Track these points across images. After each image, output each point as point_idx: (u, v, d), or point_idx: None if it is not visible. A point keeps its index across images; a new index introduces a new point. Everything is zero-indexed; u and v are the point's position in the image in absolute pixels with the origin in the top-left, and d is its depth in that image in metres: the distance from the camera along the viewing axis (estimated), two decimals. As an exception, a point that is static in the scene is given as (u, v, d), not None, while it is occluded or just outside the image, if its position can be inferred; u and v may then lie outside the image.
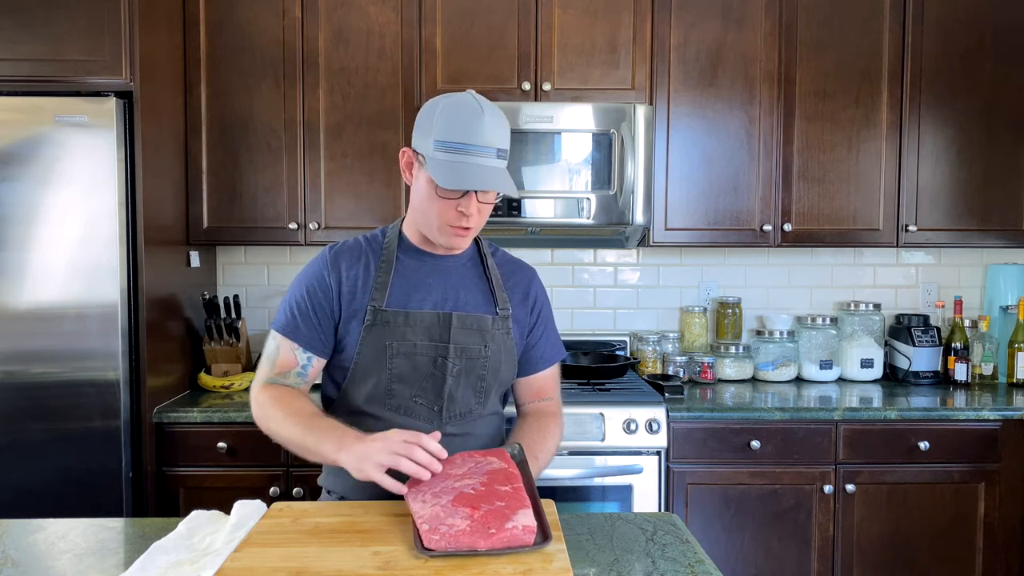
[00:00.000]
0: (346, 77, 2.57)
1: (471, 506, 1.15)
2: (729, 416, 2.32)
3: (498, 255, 1.59)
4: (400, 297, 1.46)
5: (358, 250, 1.50)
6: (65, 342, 2.15)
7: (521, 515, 1.14)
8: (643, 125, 2.47)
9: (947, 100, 2.63)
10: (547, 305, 1.61)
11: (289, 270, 2.94)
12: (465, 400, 1.48)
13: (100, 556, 1.25)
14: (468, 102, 1.36)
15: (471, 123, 1.34)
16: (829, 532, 2.35)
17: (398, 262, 1.48)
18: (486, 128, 1.34)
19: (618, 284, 3.01)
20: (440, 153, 1.35)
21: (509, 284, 1.55)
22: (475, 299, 1.50)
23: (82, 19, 2.16)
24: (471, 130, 1.34)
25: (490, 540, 1.11)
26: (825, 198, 2.65)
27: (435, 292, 1.47)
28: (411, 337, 1.43)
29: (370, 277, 1.46)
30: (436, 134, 1.36)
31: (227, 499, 1.42)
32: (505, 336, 1.50)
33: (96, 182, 2.14)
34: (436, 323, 1.45)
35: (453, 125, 1.35)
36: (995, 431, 2.35)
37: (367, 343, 1.43)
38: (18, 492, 2.15)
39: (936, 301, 2.98)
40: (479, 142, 1.34)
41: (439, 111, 1.37)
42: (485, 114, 1.35)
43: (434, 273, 1.49)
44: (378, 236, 1.53)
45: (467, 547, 1.10)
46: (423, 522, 1.14)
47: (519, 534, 1.12)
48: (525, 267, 1.61)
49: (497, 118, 1.37)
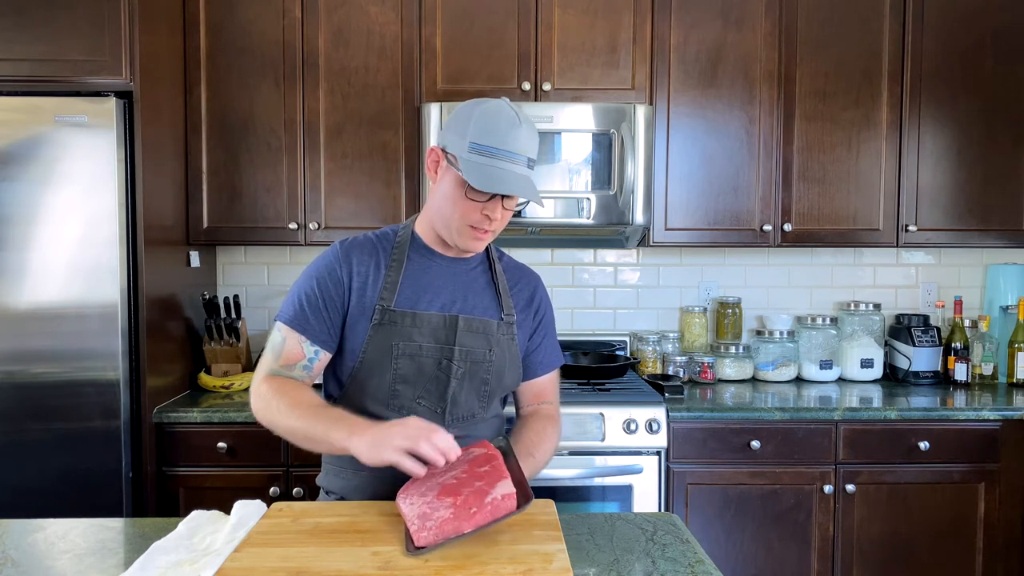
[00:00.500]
0: (346, 77, 2.57)
1: (453, 494, 1.16)
2: (729, 416, 2.32)
3: (504, 260, 1.60)
4: (409, 297, 1.45)
5: (369, 246, 1.49)
6: (65, 342, 2.15)
7: (500, 486, 1.16)
8: (643, 125, 2.47)
9: (947, 100, 2.63)
10: (550, 312, 1.62)
11: (289, 270, 2.94)
12: (468, 403, 1.48)
13: (100, 556, 1.25)
14: (505, 109, 1.38)
15: (509, 130, 1.36)
16: (829, 532, 2.35)
17: (409, 261, 1.48)
18: (522, 136, 1.37)
19: (618, 284, 3.01)
20: (475, 155, 1.36)
21: (515, 290, 1.56)
22: (482, 303, 1.50)
23: (82, 19, 2.16)
24: (508, 136, 1.36)
25: (473, 520, 1.13)
26: (825, 198, 2.65)
27: (444, 294, 1.47)
28: (417, 338, 1.43)
29: (380, 275, 1.46)
30: (472, 136, 1.36)
31: (227, 499, 1.42)
32: (510, 341, 1.51)
33: (96, 182, 2.14)
34: (442, 325, 1.44)
35: (490, 130, 1.36)
36: (995, 431, 2.35)
37: (373, 342, 1.43)
38: (18, 492, 2.15)
39: (936, 301, 2.98)
40: (514, 149, 1.36)
41: (476, 114, 1.38)
42: (522, 123, 1.37)
43: (444, 275, 1.49)
44: (388, 234, 1.52)
45: (453, 533, 1.12)
46: (411, 521, 1.15)
47: (500, 503, 1.14)
48: (531, 274, 1.62)
49: (531, 128, 1.39)
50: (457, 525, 1.12)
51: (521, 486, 1.19)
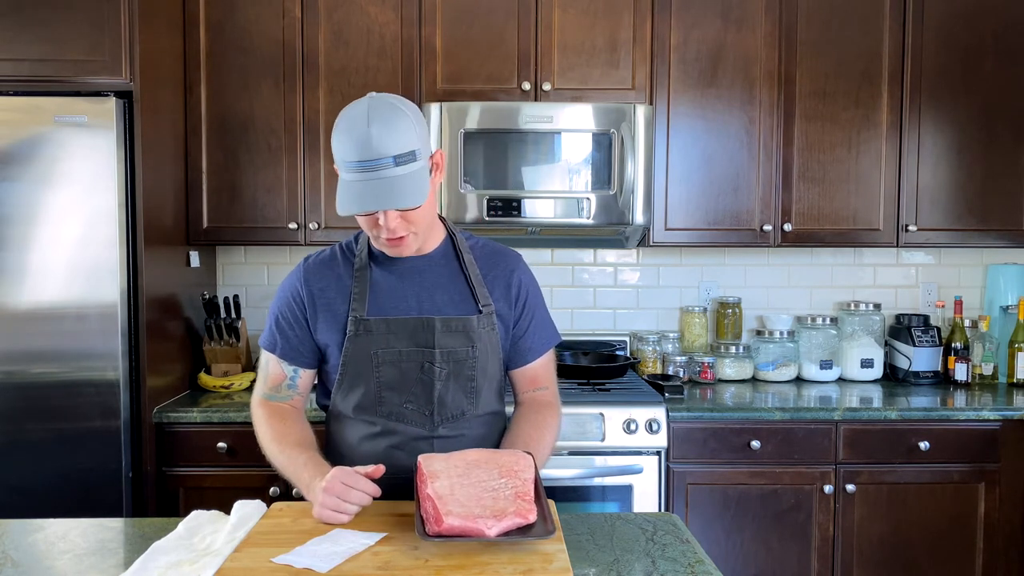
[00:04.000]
0: (346, 77, 2.57)
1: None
2: (729, 416, 2.32)
3: (477, 247, 1.55)
4: (380, 305, 1.45)
5: (332, 260, 1.50)
6: (65, 342, 2.15)
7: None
8: (643, 125, 2.47)
9: (947, 100, 2.63)
10: (534, 292, 1.55)
11: (289, 270, 2.93)
12: (456, 402, 1.47)
13: (100, 556, 1.25)
14: (351, 113, 1.29)
15: (356, 136, 1.26)
16: (829, 532, 2.35)
17: (372, 269, 1.48)
18: (373, 134, 1.25)
19: (618, 284, 3.01)
20: (341, 171, 1.31)
21: (489, 277, 1.51)
22: (452, 298, 1.47)
23: (82, 19, 2.16)
24: (357, 144, 1.26)
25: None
26: (825, 198, 2.65)
27: (411, 295, 1.46)
28: (395, 344, 1.43)
29: (344, 287, 1.46)
30: (333, 146, 1.31)
31: (227, 499, 1.42)
32: (491, 333, 1.49)
33: (96, 182, 2.14)
34: (420, 328, 1.44)
35: (343, 140, 1.28)
36: (995, 431, 2.35)
37: (352, 353, 1.44)
38: (18, 492, 2.15)
39: (936, 301, 2.98)
40: (367, 156, 1.26)
41: (336, 125, 1.30)
42: (370, 121, 1.25)
43: (407, 275, 1.48)
44: (352, 243, 1.53)
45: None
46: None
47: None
48: (507, 255, 1.56)
49: (385, 120, 1.26)
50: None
51: (543, 511, 1.19)
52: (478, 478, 1.21)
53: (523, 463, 1.27)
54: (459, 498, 1.15)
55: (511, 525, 1.12)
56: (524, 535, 1.12)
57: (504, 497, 1.16)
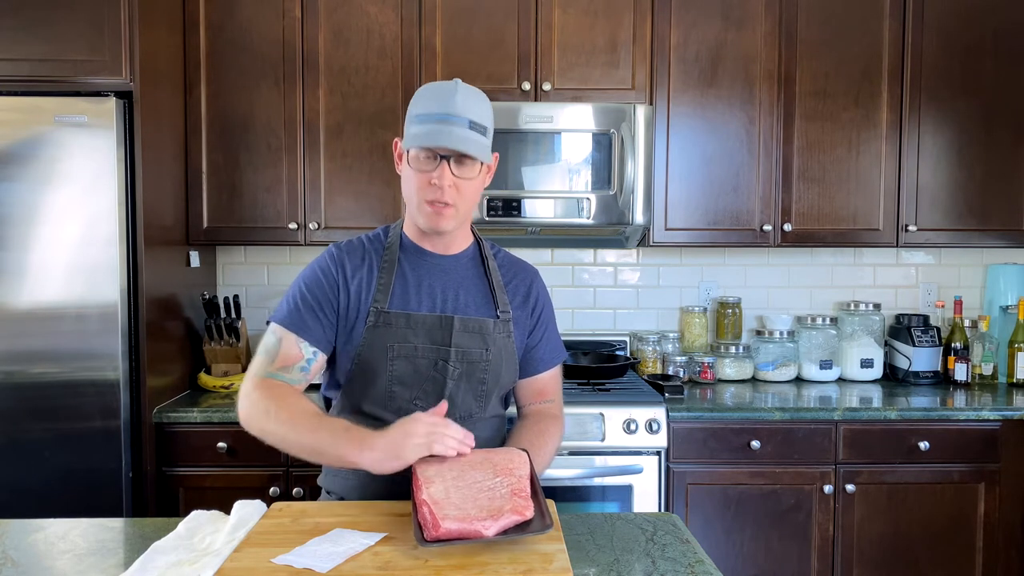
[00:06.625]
0: (346, 77, 2.57)
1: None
2: (729, 416, 2.32)
3: (500, 256, 1.58)
4: (402, 298, 1.45)
5: (361, 250, 1.50)
6: (65, 342, 2.15)
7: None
8: (643, 125, 2.47)
9: (947, 100, 2.63)
10: (548, 306, 1.60)
11: (289, 270, 2.94)
12: (465, 403, 1.47)
13: (100, 556, 1.25)
14: (444, 83, 1.42)
15: (441, 95, 1.38)
16: (829, 532, 2.35)
17: (400, 262, 1.48)
18: (458, 98, 1.37)
19: (618, 284, 3.01)
20: (415, 126, 1.39)
21: (511, 285, 1.54)
22: (475, 300, 1.49)
23: (82, 19, 2.16)
24: (441, 101, 1.37)
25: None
26: (825, 198, 2.65)
27: (435, 292, 1.47)
28: (412, 339, 1.43)
29: (373, 277, 1.46)
30: (412, 111, 1.41)
31: (227, 499, 1.42)
32: (506, 339, 1.50)
33: (96, 182, 2.14)
34: (438, 326, 1.44)
35: (426, 99, 1.40)
36: (995, 431, 2.35)
37: (369, 344, 1.43)
38: (18, 492, 2.15)
39: (936, 301, 2.98)
40: (450, 111, 1.36)
41: (417, 94, 1.43)
42: (458, 88, 1.39)
43: (434, 272, 1.49)
44: (380, 235, 1.53)
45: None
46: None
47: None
48: (527, 268, 1.61)
49: (472, 93, 1.40)
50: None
51: (540, 507, 1.18)
52: (473, 479, 1.21)
53: (518, 460, 1.27)
54: (455, 501, 1.14)
55: (508, 523, 1.12)
56: (522, 532, 1.12)
57: (500, 495, 1.16)
